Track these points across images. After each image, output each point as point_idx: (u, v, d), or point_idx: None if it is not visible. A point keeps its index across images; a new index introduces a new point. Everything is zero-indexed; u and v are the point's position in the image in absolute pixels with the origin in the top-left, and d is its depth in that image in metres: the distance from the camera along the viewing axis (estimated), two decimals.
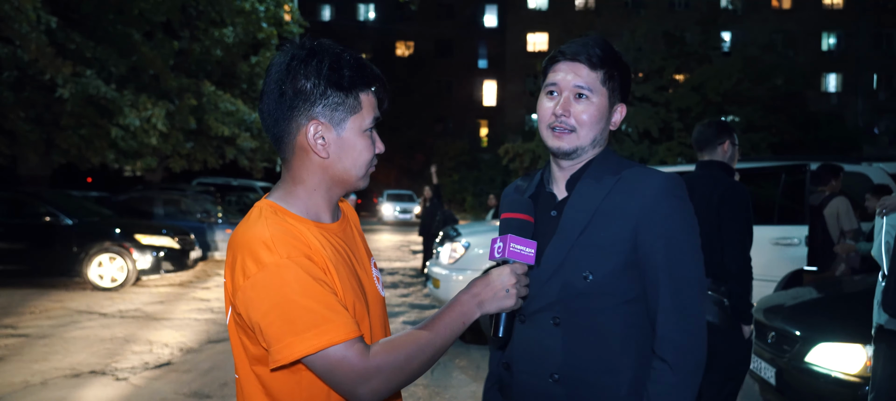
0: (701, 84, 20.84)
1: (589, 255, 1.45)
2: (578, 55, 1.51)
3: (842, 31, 37.27)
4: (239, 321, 1.24)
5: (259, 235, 1.19)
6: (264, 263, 1.16)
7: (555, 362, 1.47)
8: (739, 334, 3.04)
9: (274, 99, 1.27)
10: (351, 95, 1.27)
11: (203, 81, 15.19)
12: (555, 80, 1.53)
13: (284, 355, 1.14)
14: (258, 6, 14.92)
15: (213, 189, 17.24)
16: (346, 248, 1.34)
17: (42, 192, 10.73)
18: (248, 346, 1.25)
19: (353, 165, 1.31)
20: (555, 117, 1.51)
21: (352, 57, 1.28)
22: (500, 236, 1.39)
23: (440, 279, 6.58)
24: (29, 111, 12.35)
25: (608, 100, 1.53)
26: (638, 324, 1.47)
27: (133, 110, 12.27)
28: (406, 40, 44.67)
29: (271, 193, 1.34)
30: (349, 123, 1.28)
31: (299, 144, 1.28)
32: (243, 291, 1.17)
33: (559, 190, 1.58)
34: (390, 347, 1.20)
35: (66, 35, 11.56)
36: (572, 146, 1.51)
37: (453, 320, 1.29)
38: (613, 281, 1.45)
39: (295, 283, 1.15)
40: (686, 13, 33.19)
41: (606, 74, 1.52)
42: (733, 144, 3.28)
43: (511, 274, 1.33)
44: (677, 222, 1.45)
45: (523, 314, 1.52)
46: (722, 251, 2.97)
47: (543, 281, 1.48)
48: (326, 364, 1.15)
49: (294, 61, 1.25)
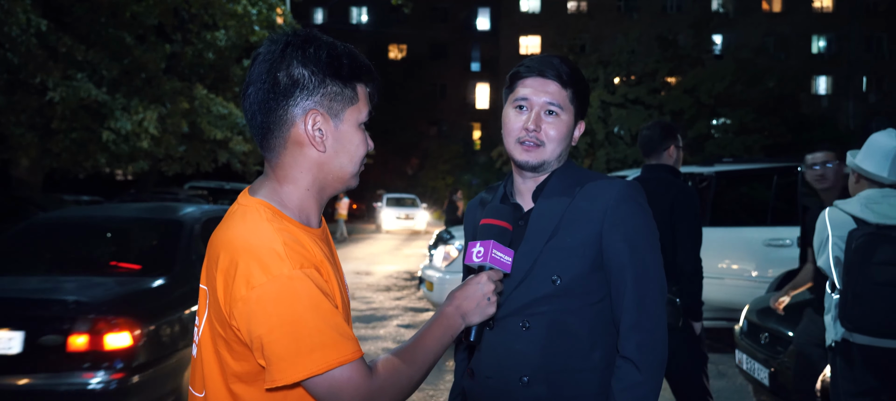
0: (693, 87, 20.91)
1: (557, 259, 1.50)
2: (549, 72, 1.55)
3: (832, 34, 37.56)
4: (223, 334, 1.14)
5: (267, 241, 1.10)
6: (275, 274, 1.07)
7: (525, 364, 1.51)
8: (692, 332, 3.13)
9: (265, 87, 1.17)
10: (349, 86, 1.21)
11: (195, 85, 15.14)
12: (525, 94, 1.56)
13: (287, 374, 1.07)
14: (250, 9, 14.87)
15: (205, 192, 17.21)
16: (331, 254, 1.29)
17: (33, 196, 10.66)
18: (228, 361, 1.15)
19: (349, 160, 1.23)
20: (525, 132, 1.55)
21: (346, 47, 1.23)
22: (481, 241, 1.41)
23: (434, 282, 6.57)
24: (20, 115, 12.28)
25: (573, 117, 1.58)
26: (605, 324, 1.52)
27: (125, 114, 12.21)
28: (399, 43, 44.71)
29: (257, 190, 1.23)
30: (347, 115, 1.21)
31: (293, 137, 1.19)
32: (246, 303, 1.07)
33: (524, 201, 1.63)
34: (391, 366, 1.18)
35: (58, 38, 11.50)
36: (539, 161, 1.55)
37: (442, 334, 1.29)
38: (581, 283, 1.50)
39: (306, 298, 1.08)
40: (678, 16, 33.37)
41: (574, 93, 1.57)
42: (678, 148, 3.32)
43: (489, 282, 1.36)
44: (639, 226, 1.51)
45: (491, 320, 1.53)
46: (675, 252, 3.05)
47: (512, 287, 1.52)
48: (331, 386, 1.09)
49: (289, 48, 1.17)
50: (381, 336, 6.95)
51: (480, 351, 1.59)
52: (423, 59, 43.62)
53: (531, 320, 1.51)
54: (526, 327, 1.51)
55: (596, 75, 21.89)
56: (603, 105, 21.62)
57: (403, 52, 44.82)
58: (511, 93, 1.60)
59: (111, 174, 21.76)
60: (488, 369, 1.56)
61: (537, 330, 1.50)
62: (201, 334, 1.21)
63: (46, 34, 10.94)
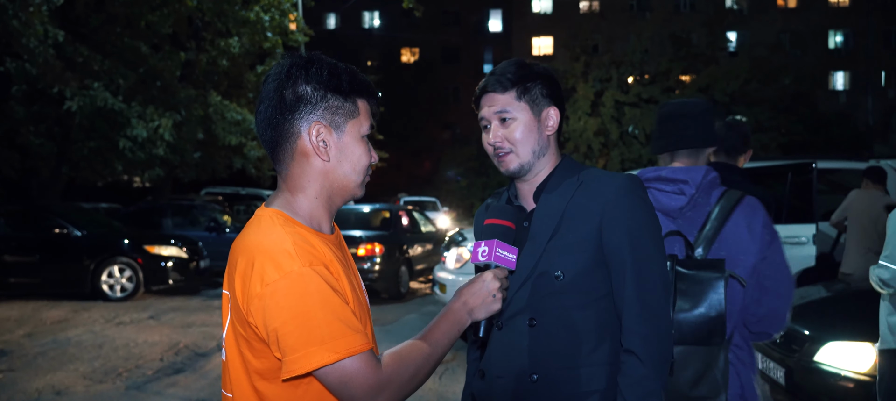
0: (708, 85, 20.78)
1: (559, 256, 1.53)
2: (488, 86, 1.61)
3: (849, 29, 37.02)
4: (244, 333, 1.22)
5: (279, 242, 1.19)
6: (286, 271, 1.15)
7: (533, 362, 1.53)
8: None
9: (274, 104, 1.28)
10: (350, 100, 1.31)
11: (210, 92, 15.29)
12: (481, 114, 1.64)
13: (301, 365, 1.14)
14: (263, 16, 15.00)
15: (221, 198, 17.33)
16: (344, 258, 1.36)
17: (52, 204, 10.82)
18: (250, 360, 1.23)
19: (352, 169, 1.32)
20: (492, 148, 1.62)
21: (347, 66, 1.33)
22: (485, 241, 1.45)
23: (447, 284, 6.58)
24: (39, 125, 12.47)
25: (531, 111, 1.60)
26: (611, 319, 1.53)
27: (140, 121, 12.36)
28: (411, 47, 44.76)
29: (272, 202, 1.34)
30: (348, 127, 1.31)
31: (300, 148, 1.29)
32: (261, 298, 1.16)
33: (527, 203, 1.67)
34: (398, 358, 1.24)
35: (74, 49, 11.67)
36: (516, 165, 1.60)
37: (449, 329, 1.35)
38: (584, 279, 1.52)
39: (316, 293, 1.15)
40: (692, 15, 33.12)
41: (520, 91, 1.59)
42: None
43: (494, 279, 1.40)
44: (639, 220, 1.52)
45: (500, 320, 1.59)
46: None
47: (518, 286, 1.55)
48: (342, 376, 1.15)
49: (294, 68, 1.29)
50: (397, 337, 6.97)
51: (490, 351, 1.61)
52: (436, 63, 43.63)
53: (538, 318, 1.53)
54: (533, 324, 1.53)
55: (609, 75, 21.82)
56: (617, 105, 21.53)
57: (416, 56, 44.86)
58: None
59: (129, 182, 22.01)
60: (498, 369, 1.58)
61: (544, 327, 1.53)
62: (226, 336, 1.30)
63: (63, 45, 11.11)
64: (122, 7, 12.73)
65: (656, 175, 1.95)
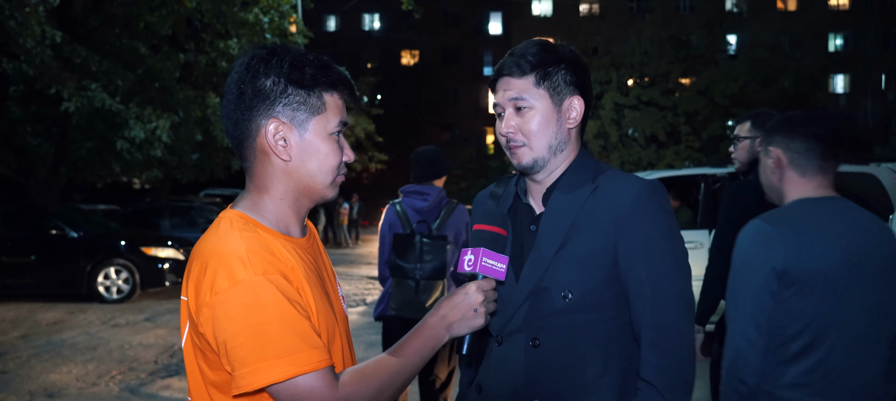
0: (707, 87, 20.75)
1: (567, 271, 1.38)
2: (506, 68, 1.44)
3: (849, 31, 37.00)
4: (198, 343, 1.15)
5: (233, 247, 1.11)
6: (238, 280, 1.07)
7: (535, 384, 1.40)
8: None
9: (233, 100, 1.20)
10: (313, 95, 1.20)
11: (209, 93, 15.25)
12: (496, 100, 1.47)
13: (250, 381, 1.06)
14: (263, 18, 14.97)
15: (219, 200, 17.32)
16: (316, 264, 1.27)
17: (49, 205, 10.79)
18: (205, 370, 1.16)
19: (318, 169, 1.21)
20: (505, 139, 1.45)
21: (316, 57, 1.22)
22: (472, 249, 1.31)
23: None
24: (37, 125, 12.44)
25: (551, 100, 1.42)
26: (622, 340, 1.40)
27: (138, 123, 12.33)
28: (411, 49, 44.78)
29: (237, 203, 1.25)
30: (312, 125, 1.20)
31: (260, 146, 1.20)
32: (211, 308, 1.08)
33: (536, 204, 1.50)
34: (360, 377, 1.14)
35: (72, 49, 11.64)
36: (530, 160, 1.43)
37: (423, 345, 1.22)
38: (595, 298, 1.37)
39: (270, 304, 1.07)
40: (691, 16, 33.12)
41: (539, 76, 1.41)
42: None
43: (478, 292, 1.24)
44: (658, 232, 1.36)
45: (500, 335, 1.46)
46: None
47: (520, 300, 1.41)
48: (295, 394, 1.07)
49: (254, 60, 1.19)
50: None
51: (489, 366, 1.49)
52: (436, 65, 43.67)
53: (541, 337, 1.39)
54: (535, 344, 1.40)
55: (608, 77, 21.78)
56: (616, 107, 21.50)
57: (415, 58, 44.88)
58: None
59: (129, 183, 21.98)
60: (496, 387, 1.46)
61: (547, 348, 1.39)
62: (184, 345, 1.22)
63: (61, 46, 11.07)
64: (121, 8, 12.70)
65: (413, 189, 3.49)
